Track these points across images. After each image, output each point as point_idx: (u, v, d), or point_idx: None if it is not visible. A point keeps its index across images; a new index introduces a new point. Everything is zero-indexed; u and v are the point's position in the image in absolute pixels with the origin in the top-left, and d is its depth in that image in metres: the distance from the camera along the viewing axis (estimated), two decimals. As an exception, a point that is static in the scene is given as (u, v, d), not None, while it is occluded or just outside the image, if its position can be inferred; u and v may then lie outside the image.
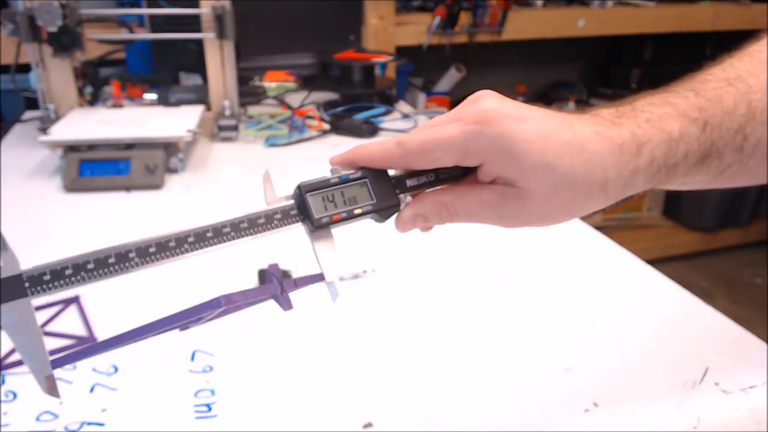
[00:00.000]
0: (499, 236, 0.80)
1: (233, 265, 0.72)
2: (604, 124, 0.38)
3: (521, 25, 1.93)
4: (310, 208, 0.36)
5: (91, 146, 0.97)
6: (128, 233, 0.75)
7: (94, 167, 0.94)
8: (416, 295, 0.67)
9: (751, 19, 2.21)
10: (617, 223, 2.46)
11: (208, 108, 1.18)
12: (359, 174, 0.38)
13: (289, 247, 0.77)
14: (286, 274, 0.67)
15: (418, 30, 1.83)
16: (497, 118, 0.36)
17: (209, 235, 0.34)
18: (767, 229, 2.46)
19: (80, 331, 0.59)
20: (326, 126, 1.24)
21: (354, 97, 1.37)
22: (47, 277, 0.30)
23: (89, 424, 0.48)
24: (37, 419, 0.48)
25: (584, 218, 0.83)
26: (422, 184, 0.38)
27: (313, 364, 0.55)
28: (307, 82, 1.52)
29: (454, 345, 0.58)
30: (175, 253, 0.33)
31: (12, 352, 0.56)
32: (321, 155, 1.13)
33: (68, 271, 0.31)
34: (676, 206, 2.40)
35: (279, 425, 0.48)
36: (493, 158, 0.36)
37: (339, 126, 1.23)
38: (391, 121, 1.29)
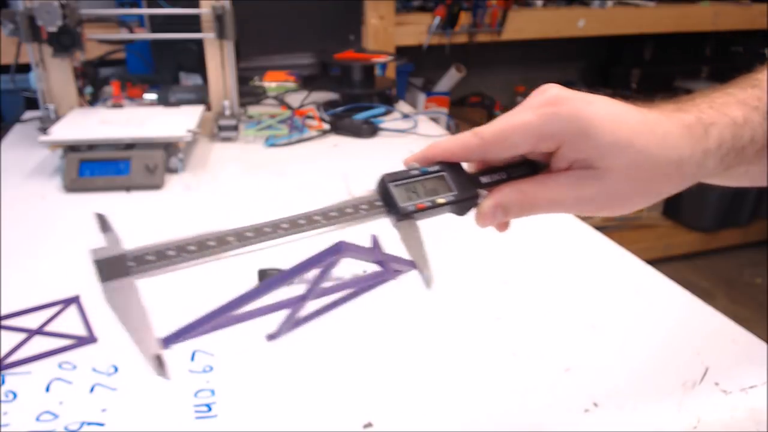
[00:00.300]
0: (499, 236, 0.80)
1: (233, 265, 0.72)
2: (669, 110, 0.39)
3: (521, 25, 1.93)
4: (394, 198, 0.36)
5: (91, 146, 0.97)
6: (128, 233, 0.76)
7: (94, 167, 0.94)
8: (416, 295, 0.67)
9: (751, 19, 2.21)
10: (617, 223, 2.46)
11: (208, 108, 1.18)
12: (437, 167, 0.38)
13: (288, 246, 0.77)
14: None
15: (418, 30, 1.83)
16: (568, 100, 0.36)
17: (302, 222, 0.36)
18: (767, 229, 2.46)
19: (80, 331, 0.59)
20: (326, 126, 1.24)
21: (354, 97, 1.37)
22: (151, 257, 0.32)
23: (89, 424, 0.48)
24: (37, 419, 0.48)
25: (584, 218, 0.83)
26: (495, 182, 0.39)
27: (313, 364, 0.55)
28: (307, 82, 1.52)
29: (454, 345, 0.58)
30: (270, 238, 0.35)
31: (12, 352, 0.56)
32: (321, 155, 1.13)
33: (171, 252, 0.33)
34: (676, 206, 2.40)
35: (279, 425, 0.48)
36: (570, 138, 0.36)
37: (339, 126, 1.23)
38: (391, 121, 1.29)
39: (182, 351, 0.57)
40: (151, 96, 1.22)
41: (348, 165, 1.07)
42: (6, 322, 0.60)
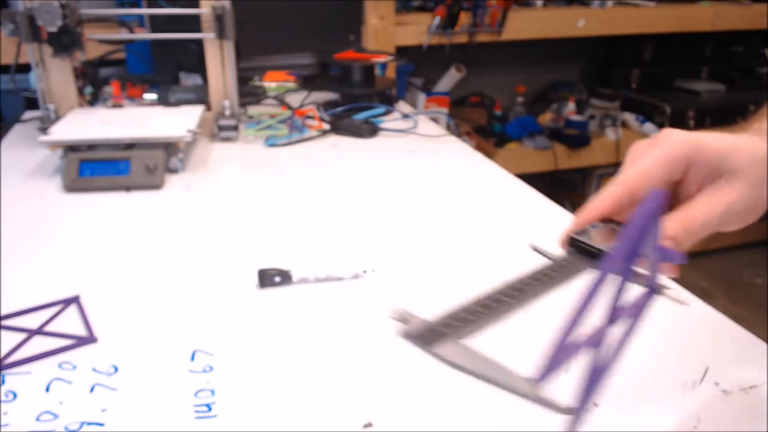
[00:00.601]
0: (499, 236, 0.80)
1: (233, 266, 0.72)
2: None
3: (521, 25, 1.93)
4: (595, 246, 0.39)
5: (91, 146, 0.97)
6: (128, 233, 0.76)
7: (94, 167, 0.94)
8: (416, 295, 0.67)
9: (751, 19, 2.21)
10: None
11: (208, 108, 1.18)
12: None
13: (288, 246, 0.77)
14: (285, 274, 0.67)
15: (418, 30, 1.83)
16: (677, 132, 0.42)
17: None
18: (767, 229, 2.46)
19: (80, 331, 0.59)
20: (326, 126, 1.24)
21: (354, 97, 1.37)
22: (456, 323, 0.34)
23: (89, 424, 0.48)
24: (37, 419, 0.48)
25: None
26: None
27: (313, 364, 0.55)
28: (307, 82, 1.52)
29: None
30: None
31: (12, 352, 0.56)
32: (321, 155, 1.13)
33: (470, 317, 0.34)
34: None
35: (279, 425, 0.48)
36: (693, 153, 0.40)
37: (339, 126, 1.23)
38: (391, 121, 1.29)
39: (182, 351, 0.57)
40: (151, 96, 1.22)
41: (348, 165, 1.07)
42: (6, 322, 0.60)
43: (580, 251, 0.39)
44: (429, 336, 0.31)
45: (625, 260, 0.32)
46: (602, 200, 0.41)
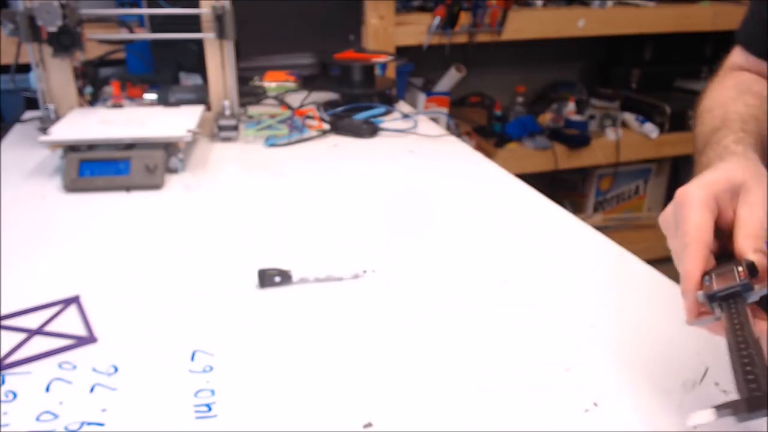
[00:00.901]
0: (499, 236, 0.80)
1: (233, 266, 0.72)
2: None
3: (521, 25, 1.93)
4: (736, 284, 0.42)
5: (91, 146, 0.97)
6: (128, 233, 0.76)
7: (94, 167, 0.94)
8: (416, 295, 0.67)
9: (751, 19, 2.20)
10: (617, 223, 2.46)
11: (208, 108, 1.18)
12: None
13: (288, 246, 0.77)
14: (285, 274, 0.67)
15: (418, 30, 1.83)
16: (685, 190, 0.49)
17: None
18: (767, 229, 2.46)
19: (80, 331, 0.59)
20: (326, 126, 1.24)
21: (354, 97, 1.37)
22: None
23: (89, 424, 0.48)
24: (37, 419, 0.48)
25: (584, 218, 0.83)
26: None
27: (313, 364, 0.55)
28: (307, 82, 1.52)
29: (454, 344, 0.58)
30: None
31: (12, 352, 0.56)
32: (321, 155, 1.13)
33: None
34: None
35: (279, 425, 0.48)
36: (714, 195, 0.47)
37: (339, 126, 1.23)
38: (391, 121, 1.29)
39: (182, 351, 0.57)
40: (151, 96, 1.22)
41: (348, 165, 1.07)
42: (6, 322, 0.60)
43: (725, 300, 0.42)
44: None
45: None
46: (696, 261, 0.45)
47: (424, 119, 1.35)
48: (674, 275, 0.70)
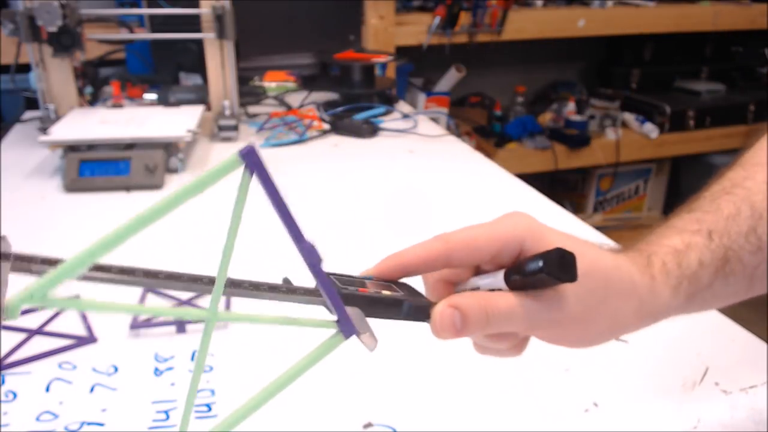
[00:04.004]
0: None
1: (233, 266, 0.72)
2: (605, 247, 0.38)
3: (521, 25, 1.93)
4: (334, 283, 0.35)
5: (91, 146, 0.97)
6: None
7: (94, 167, 0.94)
8: (416, 295, 0.67)
9: (751, 19, 2.21)
10: (617, 223, 2.46)
11: (208, 108, 1.18)
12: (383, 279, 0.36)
13: (288, 246, 0.77)
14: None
15: (418, 30, 1.83)
16: (524, 214, 0.37)
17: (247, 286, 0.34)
18: (767, 229, 2.46)
19: (80, 331, 0.59)
20: (326, 126, 1.24)
21: (354, 97, 1.37)
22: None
23: (89, 424, 0.48)
24: (37, 419, 0.48)
25: (584, 218, 0.83)
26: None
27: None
28: (307, 82, 1.52)
29: (454, 344, 0.58)
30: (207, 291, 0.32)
31: (12, 352, 0.56)
32: (321, 155, 1.13)
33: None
34: (677, 206, 2.40)
35: (279, 425, 0.48)
36: (530, 244, 0.35)
37: (339, 126, 1.23)
38: (391, 121, 1.29)
39: (182, 351, 0.57)
40: (151, 96, 1.22)
41: (348, 165, 1.07)
42: (6, 322, 0.60)
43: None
44: None
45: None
46: (414, 253, 0.36)
47: (424, 119, 1.35)
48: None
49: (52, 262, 0.28)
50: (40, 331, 0.59)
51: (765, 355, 0.55)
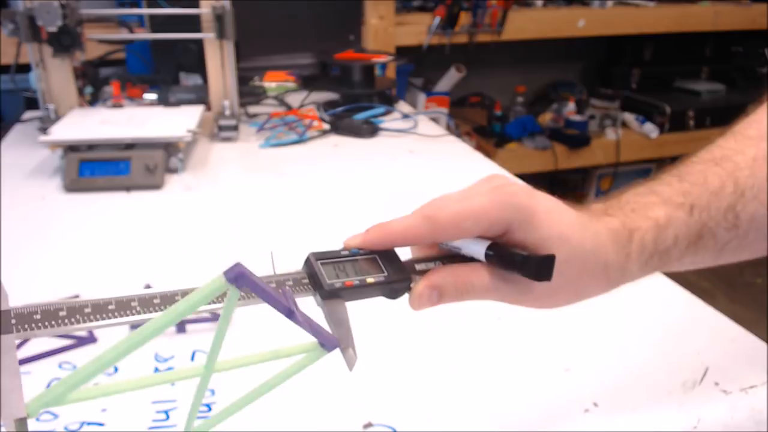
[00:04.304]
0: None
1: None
2: (597, 214, 0.40)
3: (521, 25, 1.93)
4: (322, 275, 0.35)
5: (91, 146, 0.97)
6: (128, 233, 0.76)
7: (94, 167, 0.94)
8: (416, 295, 0.67)
9: (751, 19, 2.21)
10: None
11: (208, 108, 1.18)
12: (368, 251, 0.37)
13: (288, 246, 0.77)
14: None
15: (418, 30, 1.83)
16: (515, 190, 0.37)
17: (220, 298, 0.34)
18: (767, 229, 2.46)
19: (80, 331, 0.59)
20: (326, 126, 1.24)
21: (354, 97, 1.37)
22: (37, 317, 0.29)
23: (89, 424, 0.48)
24: (37, 419, 0.48)
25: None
26: (429, 269, 0.38)
27: (313, 364, 0.55)
28: (307, 82, 1.52)
29: (454, 344, 0.58)
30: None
31: (12, 352, 0.56)
32: (321, 155, 1.13)
33: (62, 313, 0.30)
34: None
35: (279, 425, 0.48)
36: (517, 226, 0.36)
37: (339, 126, 1.23)
38: (391, 121, 1.29)
39: (182, 351, 0.57)
40: (151, 96, 1.22)
41: (348, 165, 1.07)
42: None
43: (309, 273, 0.36)
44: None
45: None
46: (400, 230, 0.37)
47: (424, 119, 1.35)
48: (674, 275, 0.70)
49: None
50: (40, 331, 0.59)
51: (765, 355, 0.55)
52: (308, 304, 0.34)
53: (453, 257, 0.38)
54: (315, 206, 0.89)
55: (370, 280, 0.36)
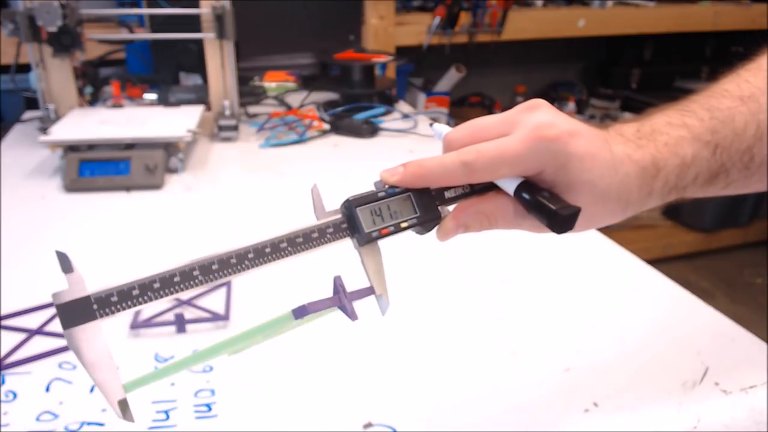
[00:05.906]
0: (500, 236, 0.80)
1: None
2: (631, 146, 0.40)
3: (521, 25, 1.93)
4: (360, 223, 0.37)
5: (91, 146, 0.97)
6: (128, 233, 0.76)
7: (94, 167, 0.94)
8: (417, 295, 0.67)
9: (751, 19, 2.21)
10: (617, 223, 2.46)
11: (208, 108, 1.18)
12: (403, 188, 0.39)
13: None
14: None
15: (418, 30, 1.83)
16: (556, 132, 0.37)
17: (268, 250, 0.37)
18: (767, 229, 2.46)
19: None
20: (326, 126, 1.24)
21: (354, 97, 1.37)
22: (114, 298, 0.33)
23: (89, 424, 0.48)
24: (37, 419, 0.48)
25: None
26: (459, 196, 0.39)
27: (313, 364, 0.55)
28: (307, 82, 1.52)
29: (454, 344, 0.58)
30: (237, 270, 0.35)
31: (12, 352, 0.56)
32: (321, 155, 1.13)
33: (135, 292, 0.34)
34: (676, 206, 2.40)
35: (279, 425, 0.48)
36: (549, 170, 0.38)
37: (339, 126, 1.23)
38: (391, 121, 1.29)
39: (182, 351, 0.57)
40: (151, 96, 1.22)
41: (348, 165, 1.07)
42: (6, 322, 0.60)
43: (348, 218, 0.38)
44: (77, 310, 0.34)
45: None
46: (438, 172, 0.38)
47: (424, 119, 1.35)
48: (674, 275, 0.70)
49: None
50: (40, 331, 0.59)
51: (765, 355, 0.55)
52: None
53: (483, 184, 0.40)
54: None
55: (403, 224, 0.38)
